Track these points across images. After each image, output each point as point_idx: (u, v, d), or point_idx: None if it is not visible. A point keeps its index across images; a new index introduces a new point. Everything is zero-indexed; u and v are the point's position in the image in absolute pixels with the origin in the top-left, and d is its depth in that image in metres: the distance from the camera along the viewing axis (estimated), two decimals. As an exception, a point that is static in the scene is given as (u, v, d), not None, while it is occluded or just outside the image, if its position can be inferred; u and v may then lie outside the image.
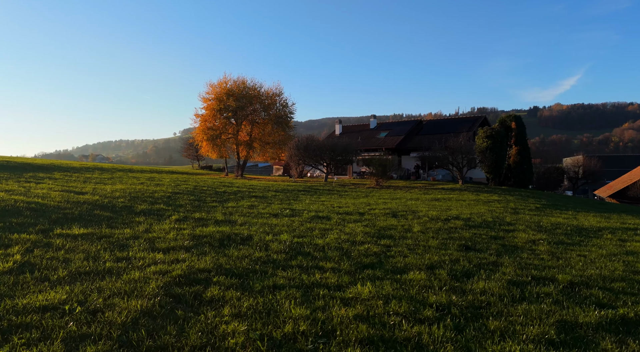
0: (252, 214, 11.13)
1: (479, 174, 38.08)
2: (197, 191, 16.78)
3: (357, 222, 10.25)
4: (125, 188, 15.51)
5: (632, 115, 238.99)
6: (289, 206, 13.81)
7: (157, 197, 13.49)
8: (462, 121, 40.30)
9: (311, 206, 13.89)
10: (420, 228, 9.40)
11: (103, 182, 18.06)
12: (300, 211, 12.38)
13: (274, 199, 16.33)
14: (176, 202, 12.84)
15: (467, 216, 12.32)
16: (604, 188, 47.64)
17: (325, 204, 14.86)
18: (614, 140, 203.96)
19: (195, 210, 11.35)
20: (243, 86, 34.80)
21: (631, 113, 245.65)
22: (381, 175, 27.57)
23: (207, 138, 34.27)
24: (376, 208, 13.76)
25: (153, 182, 19.79)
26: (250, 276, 5.08)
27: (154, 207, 11.17)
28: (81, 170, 24.27)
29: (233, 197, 15.71)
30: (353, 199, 18.06)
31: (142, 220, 8.86)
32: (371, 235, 8.34)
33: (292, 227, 8.90)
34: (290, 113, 36.99)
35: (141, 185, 17.66)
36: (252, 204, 13.63)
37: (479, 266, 6.15)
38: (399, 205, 15.41)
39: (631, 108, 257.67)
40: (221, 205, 12.93)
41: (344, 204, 15.22)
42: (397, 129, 42.51)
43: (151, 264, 5.33)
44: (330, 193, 21.02)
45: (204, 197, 14.83)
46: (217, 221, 9.49)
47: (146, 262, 5.41)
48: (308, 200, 16.46)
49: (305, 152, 31.72)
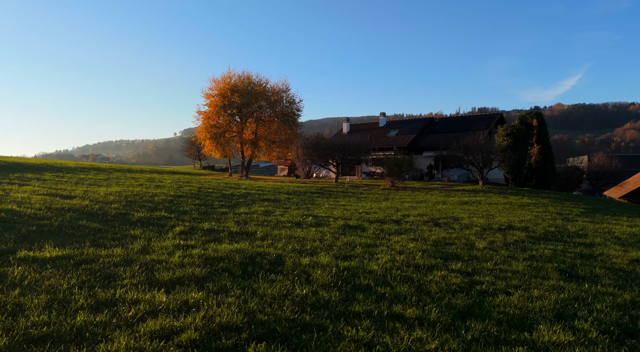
0: (271, 223, 9.30)
1: (496, 174, 36.24)
2: (202, 194, 14.97)
3: (400, 234, 8.42)
4: (122, 191, 13.69)
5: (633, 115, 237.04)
6: (308, 211, 11.99)
7: (158, 202, 11.67)
8: (477, 119, 38.44)
9: (334, 212, 12.07)
10: (484, 244, 7.56)
11: (97, 183, 16.25)
12: (324, 218, 10.55)
13: (288, 203, 14.52)
14: (179, 207, 11.02)
15: (520, 225, 10.49)
16: (614, 189, 45.45)
17: (348, 209, 13.04)
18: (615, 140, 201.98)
19: (202, 218, 9.53)
20: (248, 82, 32.91)
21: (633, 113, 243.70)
22: (397, 175, 25.74)
23: (210, 136, 32.36)
24: (409, 214, 11.93)
25: (153, 183, 17.98)
26: (302, 337, 3.25)
27: (154, 214, 9.34)
28: (75, 170, 22.45)
29: (243, 201, 13.89)
30: (374, 203, 16.23)
31: (138, 233, 7.03)
32: (431, 254, 6.51)
33: (326, 243, 7.08)
34: (298, 110, 35.10)
35: (140, 187, 15.85)
36: (267, 210, 11.81)
37: (617, 307, 4.33)
38: (430, 210, 13.58)
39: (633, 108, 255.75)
40: (232, 211, 11.11)
41: (368, 208, 13.40)
42: (408, 127, 40.66)
43: (148, 316, 3.50)
44: (346, 195, 19.20)
45: (211, 201, 13.01)
46: (232, 234, 7.66)
47: (140, 311, 3.58)
48: (327, 204, 14.64)
49: (315, 151, 29.88)
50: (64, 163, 28.89)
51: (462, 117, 40.20)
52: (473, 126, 36.86)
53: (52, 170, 20.91)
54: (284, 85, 34.57)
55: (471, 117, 39.49)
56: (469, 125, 37.27)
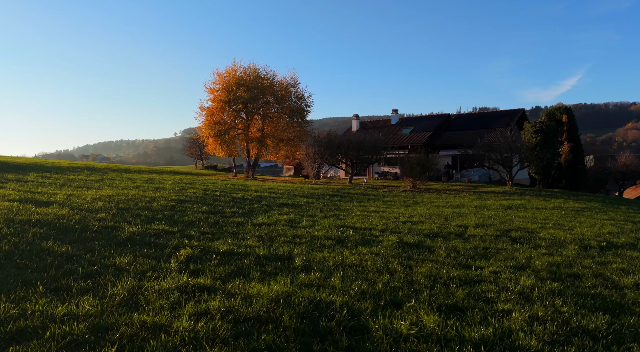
0: (304, 240, 7.10)
1: (518, 174, 34.00)
2: (209, 198, 12.76)
3: (485, 258, 6.19)
4: (114, 194, 11.49)
5: (635, 115, 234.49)
6: (340, 220, 9.77)
7: (157, 209, 9.46)
8: (497, 116, 36.19)
9: (372, 221, 9.85)
10: (631, 280, 5.33)
11: (88, 185, 14.05)
12: (367, 231, 8.35)
13: (311, 208, 12.31)
14: (183, 216, 8.82)
15: (619, 240, 8.28)
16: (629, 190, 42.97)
17: (385, 217, 10.83)
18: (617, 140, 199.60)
19: (214, 232, 7.32)
20: (255, 75, 30.63)
21: (634, 113, 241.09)
22: (418, 176, 23.51)
23: (214, 134, 30.08)
24: (464, 224, 9.71)
25: (152, 185, 15.77)
26: None
27: (151, 228, 7.13)
28: (66, 170, 20.24)
29: (258, 207, 11.69)
30: (408, 208, 14.02)
31: (126, 263, 4.83)
32: (580, 304, 4.28)
33: (400, 277, 4.88)
34: (307, 106, 32.80)
35: (136, 189, 13.65)
36: (290, 218, 9.60)
37: None
38: (482, 218, 11.36)
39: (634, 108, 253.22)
40: (248, 221, 8.89)
41: (408, 216, 11.19)
42: (422, 124, 38.41)
43: None
44: (369, 199, 16.98)
45: (221, 208, 10.80)
46: (260, 259, 5.46)
47: None
48: (356, 210, 12.43)
49: (327, 149, 27.67)
50: (57, 162, 26.68)
51: (480, 114, 37.97)
52: (493, 123, 34.64)
53: (40, 170, 18.70)
54: (292, 80, 32.35)
55: (490, 114, 37.24)
56: (488, 123, 35.06)
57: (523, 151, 25.22)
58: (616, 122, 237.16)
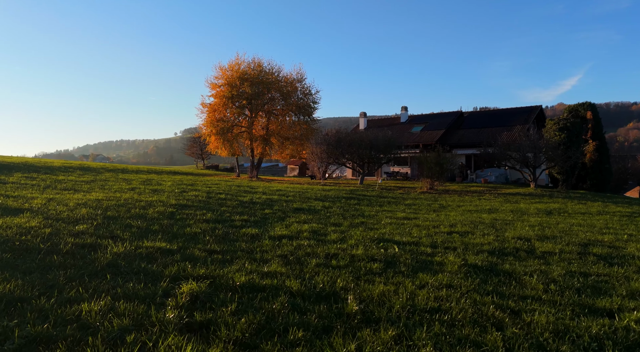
0: (342, 261, 5.44)
1: (533, 174, 32.31)
2: (214, 202, 11.11)
3: (598, 292, 4.54)
4: (104, 198, 9.84)
5: (636, 115, 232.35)
6: (372, 231, 8.12)
7: (152, 218, 7.81)
8: (513, 113, 34.48)
9: (411, 232, 8.20)
10: None
11: (76, 187, 12.40)
12: (412, 246, 6.71)
13: (330, 214, 10.67)
14: (185, 227, 7.16)
15: None
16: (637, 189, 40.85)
17: (421, 225, 9.18)
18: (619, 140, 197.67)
19: (225, 251, 5.66)
20: (259, 70, 28.92)
21: (635, 113, 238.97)
22: (437, 176, 21.84)
23: (217, 132, 28.35)
24: (525, 237, 8.05)
25: (149, 186, 14.12)
26: None
27: (142, 246, 5.47)
28: (57, 170, 18.59)
29: (271, 213, 10.03)
30: (441, 214, 12.38)
31: (96, 314, 3.17)
32: None
33: (508, 330, 3.24)
34: (314, 103, 31.11)
35: (131, 192, 12.00)
36: (313, 229, 7.95)
37: None
38: (538, 229, 9.69)
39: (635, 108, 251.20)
40: (264, 232, 7.23)
41: (447, 224, 9.53)
42: (434, 122, 36.72)
43: None
44: (390, 202, 15.31)
45: (228, 215, 9.15)
46: (295, 300, 3.81)
47: None
48: (384, 217, 10.77)
49: (337, 148, 26.00)
50: (49, 162, 25.01)
51: (494, 111, 36.28)
52: (509, 121, 32.98)
53: (28, 170, 17.04)
54: (298, 75, 30.63)
55: (505, 111, 35.53)
56: (504, 120, 33.39)
57: (547, 150, 23.53)
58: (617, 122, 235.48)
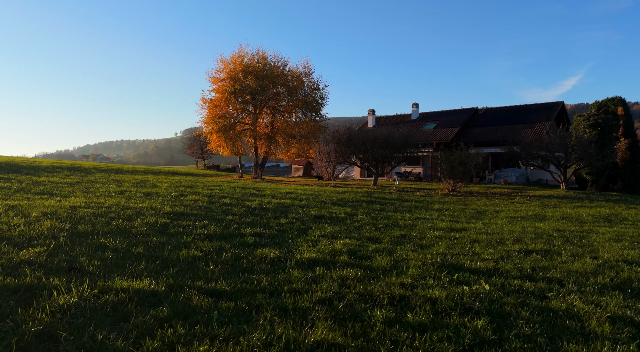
0: (422, 316, 3.55)
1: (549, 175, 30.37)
2: (217, 208, 9.20)
3: None
4: (81, 205, 7.94)
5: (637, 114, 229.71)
6: (427, 251, 6.22)
7: (138, 233, 5.90)
8: (533, 109, 32.52)
9: (475, 249, 6.29)
10: None
11: (54, 191, 10.49)
12: (503, 278, 4.84)
13: (360, 225, 8.77)
14: (179, 248, 5.26)
15: None
16: None
17: (479, 240, 7.28)
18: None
19: (237, 294, 3.75)
20: (264, 62, 26.99)
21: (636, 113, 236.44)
22: (461, 177, 19.92)
23: (218, 129, 26.44)
24: (626, 258, 6.14)
25: (142, 189, 12.22)
26: None
27: (112, 288, 3.55)
28: (42, 170, 16.70)
29: (287, 224, 8.13)
30: (489, 225, 10.46)
31: None
32: None
33: None
34: (322, 98, 29.17)
35: (119, 196, 10.10)
36: (349, 248, 6.04)
37: None
38: (629, 244, 7.78)
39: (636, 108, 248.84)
40: (288, 255, 5.31)
41: (509, 238, 7.62)
42: (447, 119, 34.76)
43: None
44: (417, 207, 13.40)
45: (236, 227, 7.24)
46: None
47: None
48: (426, 229, 8.87)
49: (348, 147, 24.09)
50: (37, 161, 23.11)
51: (511, 108, 34.27)
52: (529, 118, 31.06)
53: (8, 170, 15.13)
54: (305, 68, 28.68)
55: (523, 108, 33.56)
56: (523, 117, 31.46)
57: (579, 148, 21.57)
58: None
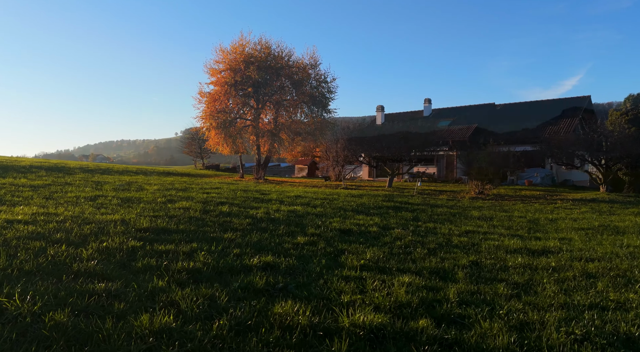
0: None
1: (577, 176, 28.13)
2: (212, 220, 6.95)
3: None
4: (27, 218, 5.73)
5: None
6: (530, 298, 3.93)
7: (82, 269, 3.62)
8: (555, 104, 30.25)
9: (598, 289, 3.99)
10: None
11: (5, 197, 8.24)
12: None
13: (408, 247, 6.53)
14: (139, 307, 2.97)
15: None
16: None
17: (592, 272, 5.01)
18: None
19: None
20: (267, 52, 24.67)
21: None
22: (490, 178, 17.66)
23: (217, 125, 24.14)
24: None
25: (124, 193, 9.96)
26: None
27: None
28: (11, 170, 14.46)
29: (308, 245, 5.90)
30: (550, 237, 8.20)
31: None
32: None
33: None
34: (329, 92, 26.78)
35: (88, 203, 7.88)
36: (417, 293, 3.77)
37: None
38: None
39: None
40: (325, 313, 3.03)
41: (613, 266, 5.35)
42: (463, 115, 32.49)
43: None
44: (455, 214, 11.13)
45: (237, 250, 4.98)
46: None
47: None
48: (499, 251, 6.62)
49: (360, 144, 21.82)
50: (11, 159, 20.81)
51: (530, 103, 31.99)
52: (551, 114, 28.79)
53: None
54: (311, 59, 26.27)
55: (543, 103, 31.29)
56: (546, 113, 29.19)
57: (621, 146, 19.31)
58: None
